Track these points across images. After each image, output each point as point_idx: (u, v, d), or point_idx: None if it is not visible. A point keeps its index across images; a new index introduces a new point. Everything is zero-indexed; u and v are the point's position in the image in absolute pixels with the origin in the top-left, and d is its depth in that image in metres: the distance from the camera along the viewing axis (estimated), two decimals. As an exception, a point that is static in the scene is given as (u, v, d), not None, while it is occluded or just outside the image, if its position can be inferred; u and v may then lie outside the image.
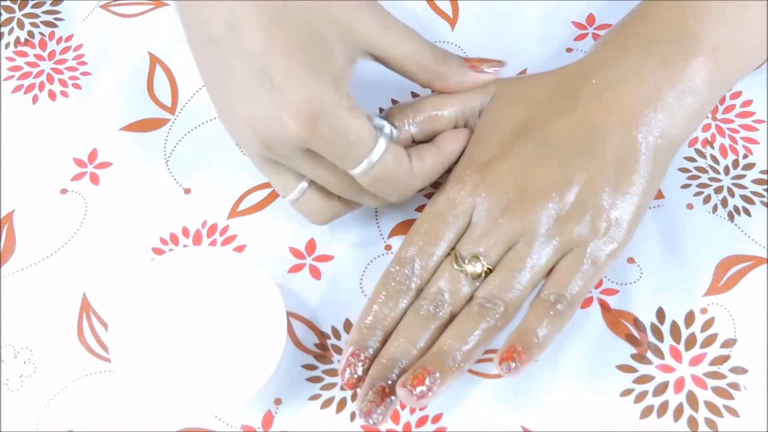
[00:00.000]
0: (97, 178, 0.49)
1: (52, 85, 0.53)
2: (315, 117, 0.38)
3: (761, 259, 0.45)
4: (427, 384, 0.38)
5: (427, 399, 0.38)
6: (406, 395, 0.38)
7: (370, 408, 0.39)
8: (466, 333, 0.40)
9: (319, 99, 0.38)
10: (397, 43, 0.41)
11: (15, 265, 0.47)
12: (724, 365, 0.42)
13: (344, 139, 0.39)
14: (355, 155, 0.40)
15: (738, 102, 0.49)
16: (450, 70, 0.43)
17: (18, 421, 0.43)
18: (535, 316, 0.40)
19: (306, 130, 0.38)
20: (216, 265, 0.42)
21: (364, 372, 0.40)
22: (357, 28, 0.40)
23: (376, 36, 0.41)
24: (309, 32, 0.39)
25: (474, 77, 0.44)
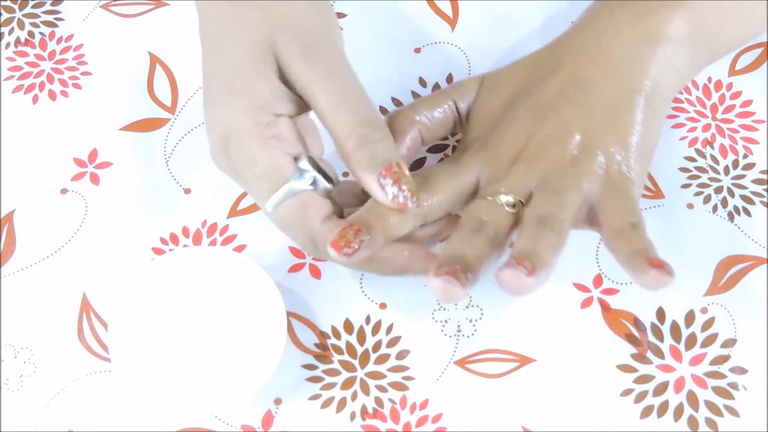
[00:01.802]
0: (97, 178, 0.49)
1: (52, 85, 0.53)
2: (226, 138, 0.39)
3: (761, 259, 0.45)
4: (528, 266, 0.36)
5: (532, 280, 0.36)
6: (510, 273, 0.36)
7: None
8: (534, 236, 0.38)
9: (231, 122, 0.38)
10: (321, 104, 0.39)
11: (15, 265, 0.47)
12: (725, 365, 0.42)
13: (251, 169, 0.39)
14: (261, 190, 0.39)
15: (738, 102, 0.49)
16: (357, 157, 0.39)
17: (18, 421, 0.43)
18: (626, 241, 0.38)
19: (219, 147, 0.39)
20: (216, 265, 0.42)
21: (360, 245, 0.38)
22: (289, 69, 0.39)
23: (305, 88, 0.39)
24: (249, 52, 0.39)
25: (370, 186, 0.39)
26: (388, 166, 0.39)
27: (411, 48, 0.52)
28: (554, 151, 0.41)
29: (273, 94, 0.39)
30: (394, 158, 0.39)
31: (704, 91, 0.50)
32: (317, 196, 0.40)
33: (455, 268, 0.37)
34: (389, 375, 0.43)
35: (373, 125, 0.39)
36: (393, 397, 0.42)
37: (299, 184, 0.39)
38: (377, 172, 0.38)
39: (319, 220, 0.39)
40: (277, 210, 0.39)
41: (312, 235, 0.40)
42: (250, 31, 0.40)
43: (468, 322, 0.44)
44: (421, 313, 0.44)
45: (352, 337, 0.44)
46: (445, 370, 0.43)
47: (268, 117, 0.39)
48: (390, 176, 0.39)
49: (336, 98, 0.39)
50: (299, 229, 0.40)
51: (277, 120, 0.39)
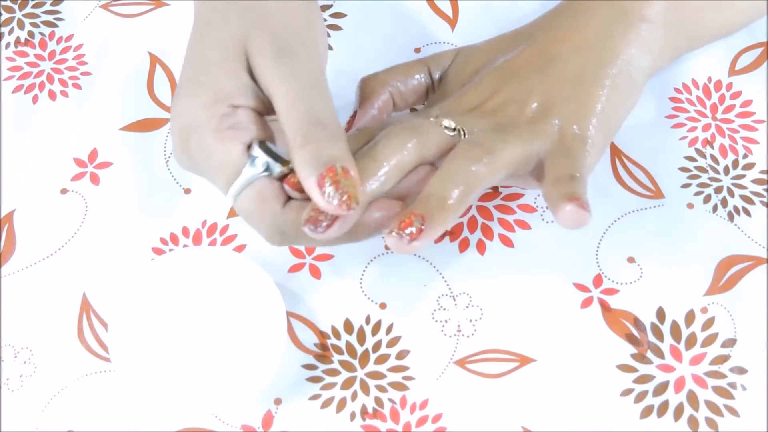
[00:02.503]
0: (97, 178, 0.49)
1: (52, 85, 0.53)
2: (185, 133, 0.39)
3: (761, 259, 0.45)
4: (417, 226, 0.36)
5: (417, 243, 0.36)
6: (395, 240, 0.36)
7: (312, 215, 0.37)
8: (451, 175, 0.38)
9: (190, 115, 0.38)
10: (280, 97, 0.38)
11: (15, 265, 0.47)
12: (725, 365, 0.42)
13: (207, 161, 0.38)
14: (220, 183, 0.39)
15: (738, 102, 0.49)
16: (300, 155, 0.37)
17: (18, 421, 0.43)
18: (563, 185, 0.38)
19: (179, 144, 0.39)
20: (216, 265, 0.42)
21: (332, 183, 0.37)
22: (256, 68, 0.39)
23: (267, 82, 0.39)
24: (220, 47, 0.39)
25: (308, 186, 0.37)
26: (331, 167, 0.36)
27: (411, 48, 0.52)
28: (512, 110, 0.42)
29: (237, 88, 0.39)
30: (340, 159, 0.37)
31: (704, 91, 0.50)
32: (275, 183, 0.38)
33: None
34: (389, 375, 0.43)
35: (322, 125, 0.37)
36: (393, 397, 0.42)
37: (252, 171, 0.38)
38: (318, 173, 0.36)
39: (280, 206, 0.38)
40: (238, 202, 0.38)
41: (276, 222, 0.38)
42: (229, 28, 0.40)
43: (468, 322, 0.44)
44: (421, 313, 0.44)
45: (352, 337, 0.44)
46: (445, 370, 0.43)
47: (225, 108, 0.38)
48: (330, 177, 0.36)
49: (293, 99, 0.38)
50: (262, 219, 0.38)
51: (235, 110, 0.39)
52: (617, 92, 0.42)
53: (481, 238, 0.46)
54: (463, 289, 0.45)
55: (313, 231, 0.37)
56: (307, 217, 0.37)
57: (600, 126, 0.41)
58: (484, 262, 0.45)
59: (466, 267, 0.45)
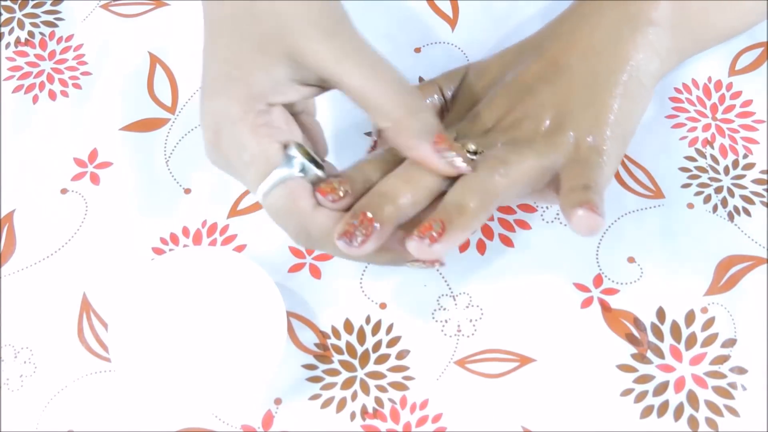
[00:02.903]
0: (97, 178, 0.49)
1: (52, 85, 0.53)
2: (217, 128, 0.38)
3: (761, 259, 0.45)
4: (436, 230, 0.36)
5: (437, 246, 0.36)
6: (416, 244, 0.36)
7: (348, 229, 0.37)
8: (470, 185, 0.38)
9: (223, 111, 0.38)
10: (355, 76, 0.38)
11: (15, 265, 0.47)
12: (725, 365, 0.42)
13: (240, 156, 0.38)
14: (250, 178, 0.38)
15: (738, 102, 0.49)
16: (410, 125, 0.38)
17: (18, 421, 0.43)
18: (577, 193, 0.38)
19: (210, 140, 0.39)
20: (216, 265, 0.42)
21: (345, 195, 0.38)
22: (309, 54, 0.38)
23: (331, 67, 0.38)
24: (252, 43, 0.38)
25: (426, 153, 0.38)
26: (440, 134, 0.38)
27: (411, 48, 0.52)
28: (527, 125, 0.41)
29: (272, 84, 0.39)
30: (441, 128, 0.38)
31: (704, 91, 0.50)
32: (307, 184, 0.39)
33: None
34: (389, 375, 0.43)
35: (416, 94, 0.39)
36: (393, 397, 0.42)
37: (288, 171, 0.38)
38: (431, 140, 0.37)
39: (311, 207, 0.38)
40: (267, 198, 0.38)
41: (304, 223, 0.38)
42: (261, 24, 0.39)
43: (468, 322, 0.44)
44: (421, 313, 0.44)
45: (352, 337, 0.44)
46: (445, 370, 0.43)
47: (261, 105, 0.38)
48: (444, 143, 0.38)
49: (371, 73, 0.38)
50: (290, 218, 0.39)
51: (270, 109, 0.39)
52: (628, 99, 0.42)
53: (481, 238, 0.46)
54: (463, 289, 0.45)
55: (348, 245, 0.37)
56: (342, 231, 0.37)
57: (614, 135, 0.41)
58: (484, 262, 0.45)
59: (466, 267, 0.45)
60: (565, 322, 0.44)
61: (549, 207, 0.46)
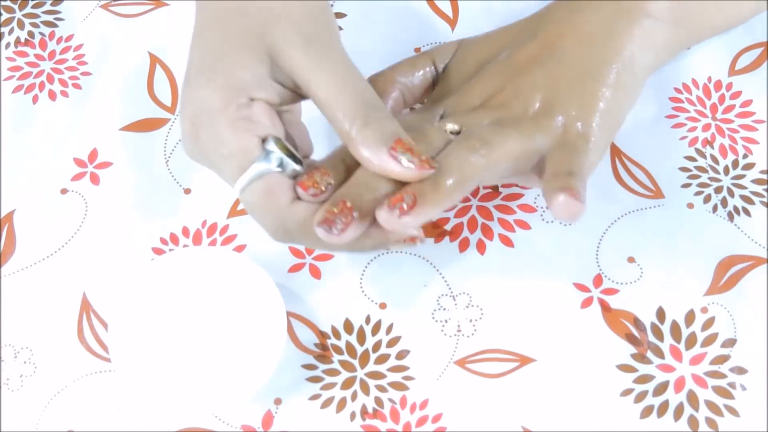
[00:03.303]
0: (97, 178, 0.49)
1: (52, 85, 0.53)
2: (197, 119, 0.38)
3: (761, 259, 0.45)
4: (408, 202, 0.36)
5: (407, 218, 0.36)
6: (386, 215, 0.36)
7: (328, 217, 0.36)
8: (449, 157, 0.38)
9: (204, 101, 0.38)
10: (320, 85, 0.38)
11: (15, 265, 0.47)
12: (725, 365, 0.42)
13: (217, 150, 0.38)
14: (228, 172, 0.38)
15: (738, 102, 0.49)
16: (364, 136, 0.38)
17: (18, 421, 0.43)
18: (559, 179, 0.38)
19: (189, 131, 0.38)
20: (216, 265, 0.42)
21: (327, 188, 0.38)
22: (285, 57, 0.38)
23: (301, 74, 0.38)
24: (238, 37, 0.38)
25: (385, 162, 0.37)
26: (398, 139, 0.38)
27: (411, 48, 0.52)
28: (516, 105, 0.41)
29: (254, 79, 0.38)
30: (401, 133, 0.38)
31: (704, 90, 0.50)
32: (285, 179, 0.38)
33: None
34: (389, 375, 0.43)
35: (376, 106, 0.39)
36: (393, 397, 0.42)
37: (266, 166, 0.38)
38: (387, 146, 0.37)
39: (288, 202, 0.38)
40: (245, 194, 0.38)
41: (281, 218, 0.38)
42: (247, 18, 0.39)
43: (468, 322, 0.44)
44: (421, 313, 0.44)
45: (352, 337, 0.44)
46: (445, 370, 0.43)
47: (243, 98, 0.38)
48: (401, 147, 0.37)
49: (338, 83, 0.38)
50: (267, 213, 0.38)
51: (251, 103, 0.39)
52: (620, 89, 0.42)
53: (481, 238, 0.46)
54: (463, 289, 0.45)
55: (327, 232, 0.36)
56: (321, 218, 0.37)
57: (603, 123, 0.41)
58: (484, 262, 0.45)
59: (466, 267, 0.45)
60: (565, 322, 0.44)
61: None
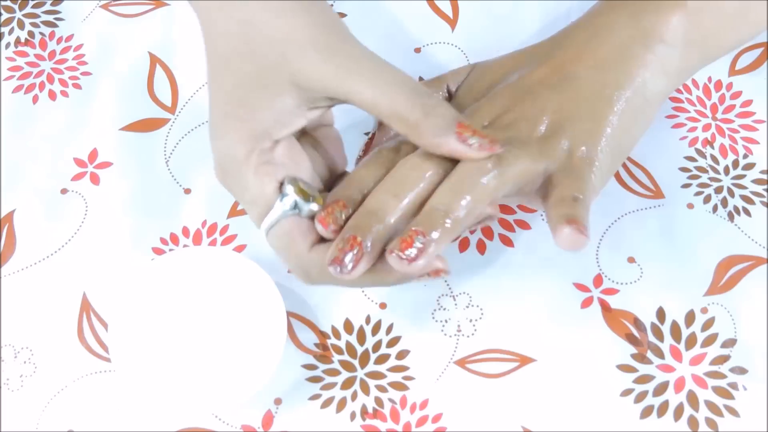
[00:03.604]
0: (97, 178, 0.49)
1: (53, 85, 0.53)
2: (223, 167, 0.39)
3: (761, 259, 0.45)
4: (417, 246, 0.36)
5: (419, 262, 0.36)
6: (396, 261, 0.36)
7: (338, 255, 0.36)
8: (458, 186, 0.38)
9: (228, 152, 0.39)
10: (363, 89, 0.38)
11: (15, 265, 0.47)
12: (725, 365, 0.42)
13: (243, 196, 0.39)
14: (254, 215, 0.39)
15: (738, 102, 0.49)
16: (429, 125, 0.37)
17: (18, 421, 0.43)
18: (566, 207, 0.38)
19: (219, 176, 0.40)
20: (216, 265, 0.42)
21: (345, 221, 0.38)
22: (313, 78, 0.38)
23: (336, 86, 0.38)
24: (254, 78, 0.38)
25: (454, 148, 0.37)
26: (460, 123, 0.37)
27: (411, 48, 0.52)
28: (524, 126, 0.41)
29: (276, 118, 0.39)
30: (459, 116, 0.38)
31: (704, 91, 0.50)
32: (303, 221, 0.38)
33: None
34: (389, 375, 0.43)
35: (426, 93, 0.38)
36: (393, 397, 0.42)
37: (282, 210, 0.38)
38: (453, 131, 0.37)
39: (306, 247, 0.38)
40: (269, 238, 0.39)
41: (302, 263, 0.38)
42: (259, 58, 0.39)
43: (468, 322, 0.44)
44: (421, 313, 0.44)
45: (352, 337, 0.44)
46: (445, 370, 0.43)
47: (266, 143, 0.39)
48: (466, 130, 0.37)
49: (379, 82, 0.38)
50: (289, 258, 0.39)
51: (275, 145, 0.39)
52: (629, 115, 0.42)
53: (481, 238, 0.46)
54: (463, 289, 0.45)
55: (339, 272, 0.37)
56: (332, 257, 0.37)
57: (609, 148, 0.41)
58: (484, 262, 0.45)
59: (466, 267, 0.45)
60: (565, 322, 0.44)
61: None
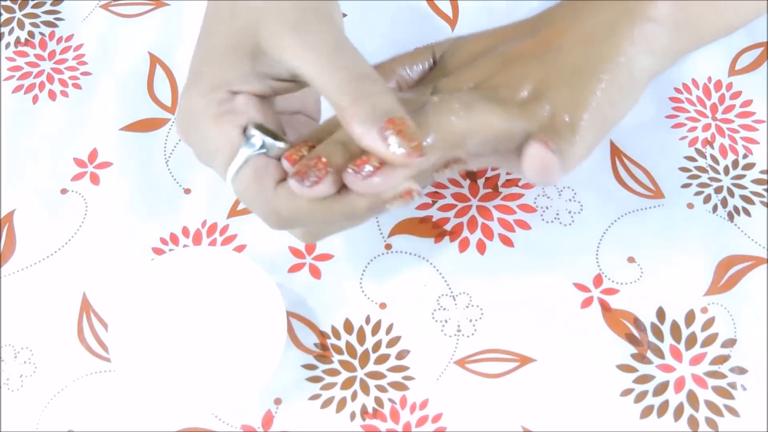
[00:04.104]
0: (97, 178, 0.49)
1: (52, 85, 0.53)
2: (185, 122, 0.39)
3: (761, 259, 0.45)
4: (374, 164, 0.35)
5: (375, 179, 0.35)
6: (351, 178, 0.35)
7: (301, 169, 0.36)
8: (424, 122, 0.37)
9: (189, 104, 0.38)
10: (309, 65, 0.37)
11: (15, 265, 0.47)
12: (725, 365, 0.42)
13: (206, 148, 0.38)
14: (218, 166, 0.38)
15: (738, 102, 0.49)
16: (356, 111, 0.36)
17: (18, 421, 0.43)
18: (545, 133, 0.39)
19: (182, 132, 0.39)
20: (216, 265, 0.42)
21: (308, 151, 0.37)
22: (275, 47, 0.38)
23: (291, 59, 0.37)
24: (226, 40, 0.39)
25: (369, 141, 0.35)
26: (390, 118, 0.35)
27: (411, 48, 0.52)
28: (506, 92, 0.41)
29: (237, 75, 0.38)
30: (396, 111, 0.36)
31: (704, 91, 0.50)
32: (271, 160, 0.38)
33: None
34: (389, 375, 0.43)
35: (369, 78, 0.37)
36: (393, 397, 0.42)
37: (249, 150, 0.37)
38: (378, 125, 0.35)
39: (274, 184, 0.37)
40: (235, 183, 0.38)
41: (270, 200, 0.37)
42: (236, 20, 0.39)
43: (468, 322, 0.44)
44: (421, 313, 0.44)
45: (352, 337, 0.44)
46: (445, 370, 0.43)
47: (223, 94, 0.38)
48: (392, 127, 0.35)
49: (326, 60, 0.37)
50: (257, 198, 0.38)
51: (233, 96, 0.38)
52: (615, 88, 0.42)
53: (481, 238, 0.46)
54: (463, 289, 0.45)
55: (299, 183, 0.36)
56: (296, 170, 0.36)
57: (592, 120, 0.41)
58: (484, 262, 0.45)
59: (466, 267, 0.45)
60: (565, 322, 0.44)
61: (549, 207, 0.46)
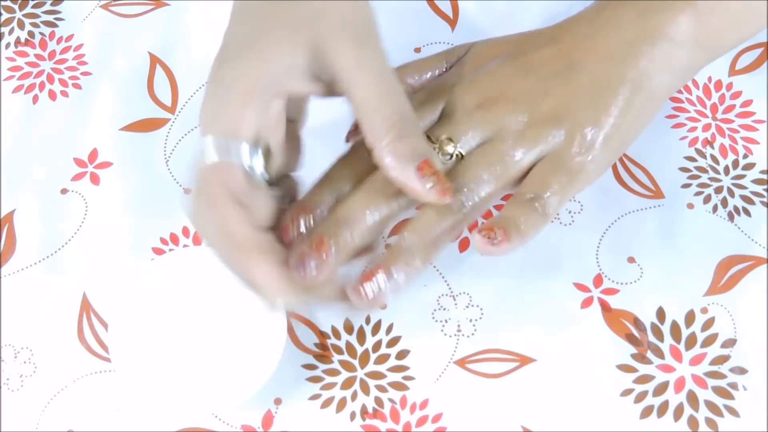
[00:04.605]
0: (97, 178, 0.49)
1: (53, 85, 0.53)
2: (222, 86, 0.38)
3: (761, 259, 0.45)
4: (378, 281, 0.36)
5: (381, 299, 0.36)
6: (356, 298, 0.36)
7: (303, 255, 0.37)
8: (427, 225, 0.38)
9: (238, 77, 0.38)
10: (363, 90, 0.38)
11: (15, 265, 0.47)
12: (725, 365, 0.42)
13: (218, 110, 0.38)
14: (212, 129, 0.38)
15: (738, 102, 0.49)
16: (397, 148, 0.38)
17: (18, 421, 0.43)
18: (514, 206, 0.39)
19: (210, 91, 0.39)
20: (216, 265, 0.42)
21: (307, 228, 0.38)
22: (334, 52, 0.38)
23: (348, 71, 0.38)
24: (281, 26, 0.38)
25: (410, 179, 0.37)
26: (426, 160, 0.38)
27: (411, 48, 0.52)
28: (523, 107, 0.41)
29: (287, 70, 0.38)
30: (431, 155, 0.38)
31: (704, 90, 0.50)
32: (245, 176, 0.37)
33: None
34: (389, 375, 0.43)
35: (412, 120, 0.39)
36: (393, 397, 0.42)
37: (244, 159, 0.37)
38: (415, 164, 0.37)
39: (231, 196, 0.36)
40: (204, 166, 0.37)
41: (221, 212, 0.36)
42: (295, 11, 0.39)
43: (468, 322, 0.44)
44: (421, 313, 0.44)
45: (352, 337, 0.44)
46: (445, 370, 0.43)
47: (268, 93, 0.38)
48: (428, 170, 0.37)
49: (382, 89, 0.38)
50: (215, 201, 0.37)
51: (271, 102, 0.38)
52: (634, 109, 0.42)
53: (481, 238, 0.46)
54: (463, 289, 0.45)
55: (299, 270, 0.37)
56: (298, 254, 0.37)
57: (609, 139, 0.41)
58: (484, 262, 0.45)
59: (466, 267, 0.45)
60: (565, 322, 0.44)
61: None
